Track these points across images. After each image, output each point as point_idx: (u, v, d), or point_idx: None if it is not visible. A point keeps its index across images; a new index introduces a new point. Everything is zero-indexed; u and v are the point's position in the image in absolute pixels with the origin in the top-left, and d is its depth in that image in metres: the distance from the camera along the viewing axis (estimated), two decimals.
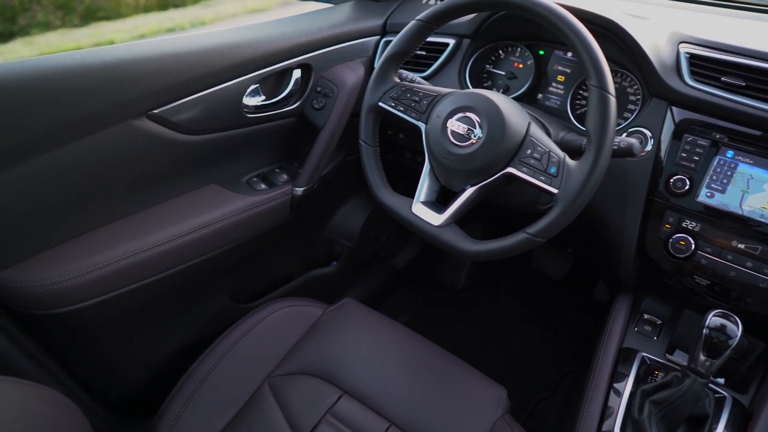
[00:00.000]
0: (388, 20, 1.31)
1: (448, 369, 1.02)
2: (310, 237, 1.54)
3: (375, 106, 1.00)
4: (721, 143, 0.93)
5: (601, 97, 0.79)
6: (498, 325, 1.84)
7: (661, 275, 1.04)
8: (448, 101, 0.91)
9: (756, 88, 0.90)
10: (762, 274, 0.90)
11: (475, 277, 1.99)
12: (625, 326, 1.11)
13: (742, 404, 0.97)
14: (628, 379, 1.00)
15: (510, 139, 0.85)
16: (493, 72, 1.23)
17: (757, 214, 0.90)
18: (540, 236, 0.83)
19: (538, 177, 0.83)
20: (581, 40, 0.80)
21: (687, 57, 0.97)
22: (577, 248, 1.64)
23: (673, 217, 0.97)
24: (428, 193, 0.96)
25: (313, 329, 1.07)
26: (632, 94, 1.07)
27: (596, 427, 0.95)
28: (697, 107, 0.95)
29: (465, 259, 0.90)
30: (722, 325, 0.83)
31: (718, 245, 0.94)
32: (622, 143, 0.88)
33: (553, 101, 1.17)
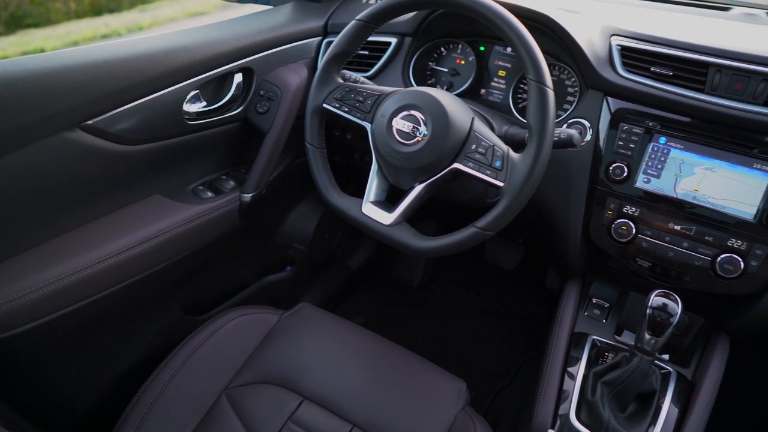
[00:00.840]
0: (329, 21, 1.30)
1: (407, 366, 1.03)
2: (262, 243, 1.51)
3: (319, 107, 0.99)
4: (654, 130, 0.97)
5: (540, 90, 0.81)
6: (455, 319, 1.86)
7: (607, 260, 1.08)
8: (392, 100, 0.92)
9: (682, 77, 0.95)
10: (697, 253, 0.95)
11: (431, 272, 2.01)
12: (576, 312, 1.14)
13: (685, 377, 1.02)
14: (580, 363, 1.03)
15: (455, 135, 0.86)
16: (436, 69, 1.24)
17: (690, 196, 0.95)
18: (489, 229, 0.84)
19: (483, 171, 0.84)
20: (517, 35, 0.82)
21: (619, 49, 1.01)
22: (527, 238, 1.68)
23: (614, 204, 1.01)
24: (377, 192, 0.96)
25: (269, 337, 1.06)
26: (570, 86, 1.10)
27: (553, 411, 0.98)
28: (630, 97, 0.99)
29: (417, 256, 0.91)
30: (664, 304, 0.87)
31: (657, 228, 0.98)
32: (563, 134, 0.91)
33: (495, 96, 1.19)
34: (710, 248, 0.94)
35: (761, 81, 0.89)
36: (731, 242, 0.93)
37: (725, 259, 0.93)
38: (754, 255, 0.91)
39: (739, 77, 0.91)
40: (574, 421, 0.95)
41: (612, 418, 0.93)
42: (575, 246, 1.08)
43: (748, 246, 0.92)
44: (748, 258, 0.92)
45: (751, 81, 0.90)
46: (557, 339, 1.08)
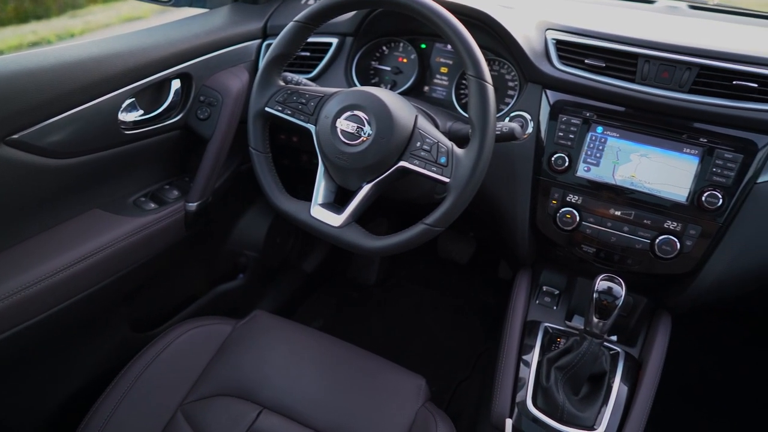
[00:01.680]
0: (268, 22, 1.28)
1: (366, 367, 1.02)
2: (211, 252, 1.47)
3: (261, 111, 0.97)
4: (591, 120, 1.01)
5: (480, 86, 0.82)
6: (413, 315, 1.88)
7: (554, 248, 1.11)
8: (334, 101, 0.91)
9: (614, 68, 0.99)
10: (637, 236, 0.99)
11: (386, 271, 2.01)
12: (527, 300, 1.17)
13: (633, 356, 1.06)
14: (534, 350, 1.06)
15: (399, 133, 0.86)
16: (379, 68, 1.24)
17: (628, 182, 0.99)
18: (438, 225, 0.85)
19: (429, 168, 0.85)
20: (455, 32, 0.83)
21: (554, 43, 1.04)
22: (478, 232, 1.71)
23: (558, 193, 1.04)
24: (325, 194, 0.96)
25: (223, 348, 1.03)
26: (510, 81, 1.13)
27: (510, 399, 1.00)
28: (568, 89, 1.02)
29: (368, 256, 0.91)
30: (609, 287, 0.90)
31: (599, 215, 1.02)
32: (505, 128, 0.93)
33: (439, 92, 1.21)
34: (649, 231, 0.99)
35: (685, 70, 0.94)
36: (668, 224, 0.97)
37: (663, 240, 0.97)
38: (688, 235, 0.96)
39: (666, 66, 0.95)
40: (531, 408, 0.98)
41: (566, 401, 0.96)
42: (523, 236, 1.10)
43: (682, 227, 0.96)
44: (683, 238, 0.96)
45: (676, 70, 0.94)
46: (511, 328, 1.10)
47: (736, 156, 0.92)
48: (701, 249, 0.96)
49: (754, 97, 0.92)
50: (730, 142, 0.93)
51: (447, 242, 1.91)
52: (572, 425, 0.95)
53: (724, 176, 0.93)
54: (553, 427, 0.95)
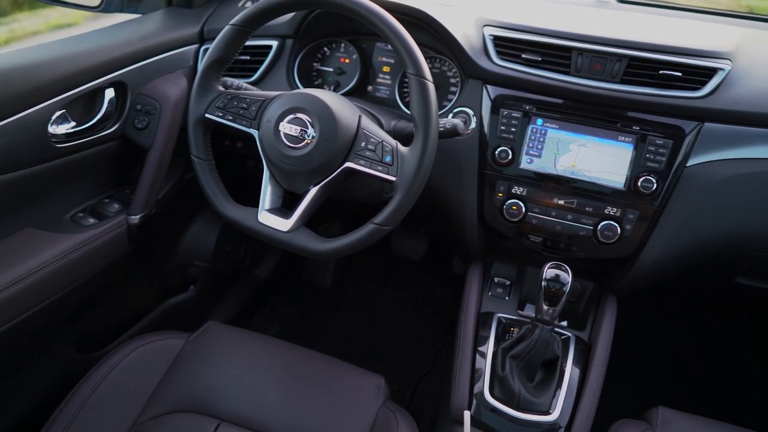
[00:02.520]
0: (205, 26, 1.25)
1: (324, 370, 1.02)
2: (159, 264, 1.43)
3: (201, 118, 0.95)
4: (531, 113, 1.04)
5: (420, 84, 0.83)
6: (370, 315, 1.88)
7: (503, 240, 1.13)
8: (276, 104, 0.90)
9: (550, 61, 1.02)
10: (580, 224, 1.03)
11: (342, 272, 2.00)
12: (480, 293, 1.19)
13: (583, 339, 1.10)
14: (489, 341, 1.08)
15: (343, 134, 0.86)
16: (321, 70, 1.24)
17: (569, 171, 1.02)
18: (387, 224, 0.85)
19: (375, 167, 0.85)
20: (393, 31, 0.84)
21: (492, 39, 1.06)
22: (429, 228, 1.73)
23: (504, 186, 1.06)
24: (273, 199, 0.94)
25: (176, 363, 1.00)
26: (452, 77, 1.14)
27: (468, 390, 1.02)
28: (507, 83, 1.05)
29: (319, 259, 0.91)
30: (556, 275, 0.93)
31: (544, 204, 1.05)
32: (448, 124, 0.94)
33: (382, 92, 1.21)
34: (591, 218, 1.02)
35: (616, 61, 0.98)
36: (608, 210, 1.01)
37: (605, 226, 1.01)
38: (627, 220, 1.00)
39: (598, 59, 0.99)
40: (489, 398, 0.99)
41: (522, 388, 0.98)
42: (472, 230, 1.12)
43: (622, 212, 1.00)
44: (623, 223, 1.00)
45: (608, 62, 0.98)
46: (465, 322, 1.12)
47: (666, 142, 0.97)
48: (640, 232, 1.00)
49: (679, 85, 0.96)
50: (660, 128, 0.98)
51: (400, 240, 1.93)
52: (529, 411, 0.97)
53: (656, 161, 0.97)
54: (510, 415, 0.97)
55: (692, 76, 0.96)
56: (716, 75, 0.95)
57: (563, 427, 0.97)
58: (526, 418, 0.97)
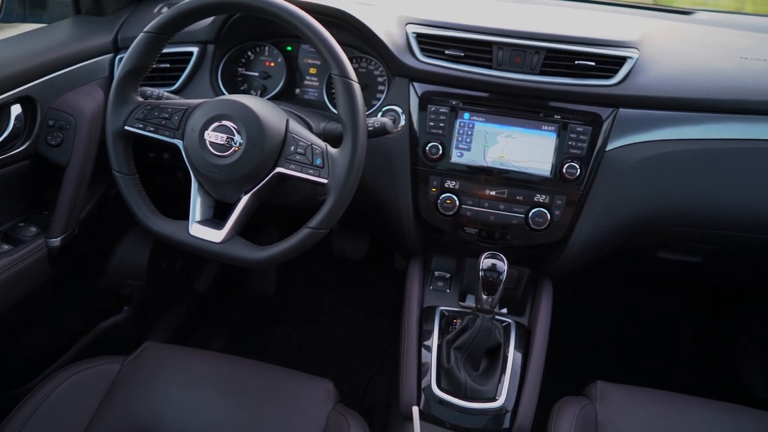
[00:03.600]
0: (119, 35, 1.20)
1: (270, 381, 1.00)
2: (88, 287, 1.35)
3: (120, 131, 0.91)
4: (458, 108, 1.06)
5: (345, 84, 0.83)
6: (317, 319, 1.86)
7: (440, 234, 1.15)
8: (200, 113, 0.87)
9: (472, 56, 1.04)
10: (512, 212, 1.06)
11: (284, 278, 1.97)
12: (422, 288, 1.21)
13: (523, 325, 1.14)
14: (433, 335, 1.09)
15: (271, 139, 0.85)
16: (247, 74, 1.21)
17: (498, 163, 1.05)
18: (322, 227, 0.85)
19: (306, 171, 0.85)
20: (314, 33, 0.83)
21: (415, 36, 1.07)
22: (367, 227, 1.73)
23: (436, 181, 1.07)
24: (203, 210, 0.92)
25: (113, 389, 0.95)
26: (379, 76, 1.15)
27: (416, 385, 1.03)
28: (432, 79, 1.06)
29: (256, 268, 0.90)
30: (492, 264, 0.95)
31: (477, 196, 1.07)
32: (376, 123, 0.95)
33: (311, 94, 1.20)
34: (522, 206, 1.06)
35: (534, 54, 1.01)
36: (537, 198, 1.05)
37: (535, 213, 1.05)
38: (556, 206, 1.04)
39: (518, 52, 1.02)
40: (436, 391, 1.01)
41: (468, 378, 1.00)
42: (409, 226, 1.13)
43: (550, 199, 1.04)
44: (552, 209, 1.04)
45: (527, 54, 1.02)
46: (408, 317, 1.13)
47: (586, 128, 1.02)
48: (568, 217, 1.05)
49: (593, 74, 1.01)
50: (580, 116, 1.02)
51: (340, 241, 1.92)
52: (476, 400, 0.99)
53: (578, 148, 1.02)
54: (458, 405, 0.99)
55: (605, 65, 1.01)
56: (626, 63, 1.01)
57: (509, 411, 0.99)
58: (473, 406, 0.99)
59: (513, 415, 0.99)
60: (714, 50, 1.12)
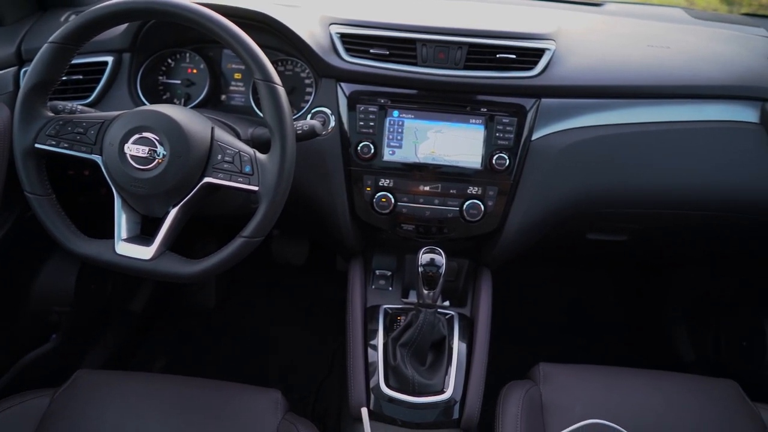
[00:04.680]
0: (22, 46, 1.12)
1: (215, 397, 0.97)
2: (8, 319, 1.26)
3: (30, 149, 0.85)
4: (387, 106, 1.06)
5: (269, 88, 0.81)
6: (262, 329, 1.82)
7: (378, 232, 1.15)
8: (118, 125, 0.84)
9: (397, 54, 1.05)
10: (447, 206, 1.08)
11: (225, 290, 1.92)
12: (364, 287, 1.20)
13: (466, 315, 1.16)
14: (378, 334, 1.10)
15: (196, 149, 0.82)
16: (168, 83, 1.17)
17: (430, 158, 1.07)
18: (256, 235, 0.83)
19: (235, 179, 0.83)
20: (233, 37, 0.81)
21: (339, 36, 1.07)
22: (306, 230, 1.72)
23: (371, 180, 1.08)
24: (130, 227, 0.88)
25: (44, 425, 0.89)
26: (306, 78, 1.14)
27: (364, 386, 1.03)
28: (359, 79, 1.07)
29: (191, 282, 0.87)
30: (431, 259, 0.96)
31: (411, 193, 1.08)
32: (305, 126, 0.94)
33: (237, 99, 1.17)
34: (456, 199, 1.08)
35: (457, 49, 1.03)
36: (470, 190, 1.07)
37: (470, 205, 1.07)
38: (488, 196, 1.07)
39: (441, 48, 1.04)
40: (385, 390, 1.01)
41: (415, 373, 1.01)
42: (347, 227, 1.13)
43: (483, 190, 1.07)
44: (485, 200, 1.07)
45: (450, 50, 1.04)
46: (353, 318, 1.13)
47: (512, 120, 1.05)
48: (501, 206, 1.08)
49: (515, 67, 1.04)
50: (505, 108, 1.05)
51: (280, 247, 1.89)
52: (425, 394, 1.00)
53: (506, 139, 1.05)
54: (408, 401, 1.00)
55: (525, 57, 1.04)
56: (544, 55, 1.05)
57: (458, 402, 1.01)
58: (422, 401, 1.00)
59: (461, 405, 1.01)
60: (624, 39, 1.19)
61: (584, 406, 0.97)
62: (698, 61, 1.13)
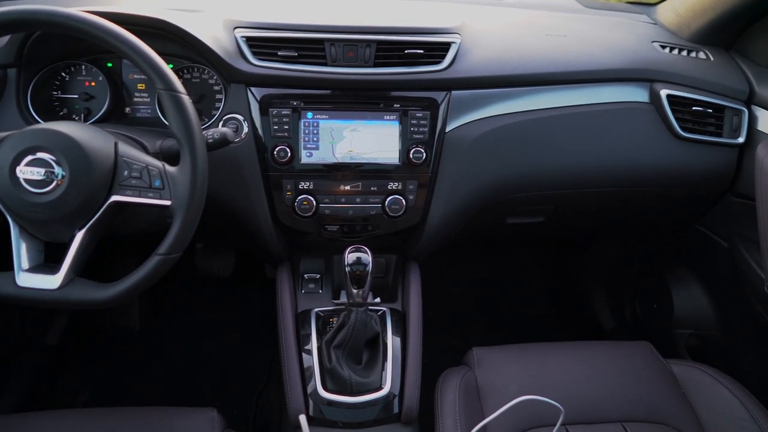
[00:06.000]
0: None
1: (146, 425, 0.92)
2: None
3: None
4: (300, 108, 1.05)
5: (172, 98, 0.78)
6: (192, 346, 1.75)
7: (303, 236, 1.14)
8: (6, 147, 0.77)
9: (306, 55, 1.04)
10: (369, 204, 1.09)
11: (150, 310, 1.83)
12: (293, 293, 1.19)
13: (397, 310, 1.17)
14: (311, 338, 1.09)
15: (99, 167, 0.78)
16: (64, 98, 1.09)
17: (348, 157, 1.07)
18: (173, 251, 0.80)
19: (145, 195, 0.79)
20: (128, 46, 0.77)
21: (244, 40, 1.04)
22: (230, 240, 1.67)
23: (290, 184, 1.06)
24: (32, 256, 0.82)
25: None
26: (215, 85, 1.10)
27: (302, 392, 1.02)
28: (270, 82, 1.05)
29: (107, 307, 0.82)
30: (357, 258, 0.97)
31: (333, 194, 1.08)
32: (216, 135, 0.91)
33: (143, 111, 1.12)
34: (378, 196, 1.09)
35: (366, 47, 1.04)
36: (391, 186, 1.08)
37: (391, 200, 1.08)
38: (409, 191, 1.09)
39: (350, 47, 1.04)
40: (323, 393, 1.00)
41: (352, 374, 1.01)
42: (270, 233, 1.11)
43: (403, 185, 1.08)
44: (406, 194, 1.09)
45: (359, 48, 1.04)
46: (284, 325, 1.11)
47: (425, 113, 1.07)
48: (422, 199, 1.10)
49: (424, 62, 1.06)
50: (417, 102, 1.07)
51: (205, 260, 1.82)
52: (363, 393, 1.00)
53: (421, 133, 1.07)
54: (347, 402, 0.99)
55: (433, 52, 1.06)
56: (451, 48, 1.07)
57: (397, 396, 1.02)
58: (361, 400, 1.00)
59: (400, 398, 1.02)
60: (524, 30, 1.24)
61: (518, 385, 1.00)
62: (593, 48, 1.20)
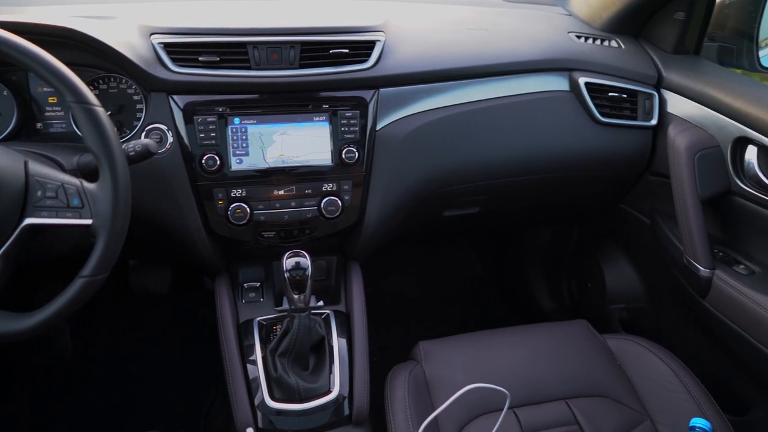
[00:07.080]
0: None
1: None
2: None
3: None
4: (227, 114, 1.02)
5: (85, 111, 0.74)
6: (132, 369, 1.67)
7: (240, 245, 1.11)
8: None
9: (228, 59, 1.01)
10: (305, 207, 1.07)
11: (82, 336, 1.73)
12: (233, 303, 1.16)
13: (341, 312, 1.17)
14: (255, 348, 1.06)
15: (7, 189, 0.72)
16: None
17: (279, 161, 1.05)
18: (98, 273, 0.76)
19: (63, 215, 0.75)
20: (30, 57, 0.73)
21: (162, 46, 1.00)
22: (164, 255, 1.60)
23: (222, 192, 1.03)
24: None
25: None
26: (134, 94, 1.05)
27: (248, 404, 0.99)
28: (192, 89, 1.01)
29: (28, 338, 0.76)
30: (296, 262, 0.96)
31: (266, 199, 1.06)
32: (137, 147, 0.87)
33: (57, 126, 1.05)
34: (313, 198, 1.07)
35: (290, 48, 1.02)
36: (325, 187, 1.07)
37: (327, 202, 1.07)
38: (344, 191, 1.08)
39: (273, 49, 1.02)
40: (271, 403, 0.98)
41: (299, 380, 0.99)
42: (204, 244, 1.07)
43: (338, 186, 1.08)
44: (341, 195, 1.08)
45: (282, 50, 1.02)
46: (226, 337, 1.08)
47: (354, 113, 1.06)
48: (358, 199, 1.09)
49: (350, 61, 1.06)
50: (346, 102, 1.06)
51: (139, 277, 1.74)
52: (312, 399, 0.99)
53: (351, 132, 1.06)
54: (297, 410, 0.98)
55: (358, 51, 1.06)
56: (376, 46, 1.07)
57: (346, 397, 1.02)
58: (311, 406, 0.99)
59: (350, 400, 1.02)
60: (447, 25, 1.26)
61: (465, 374, 1.02)
62: (514, 41, 1.24)
